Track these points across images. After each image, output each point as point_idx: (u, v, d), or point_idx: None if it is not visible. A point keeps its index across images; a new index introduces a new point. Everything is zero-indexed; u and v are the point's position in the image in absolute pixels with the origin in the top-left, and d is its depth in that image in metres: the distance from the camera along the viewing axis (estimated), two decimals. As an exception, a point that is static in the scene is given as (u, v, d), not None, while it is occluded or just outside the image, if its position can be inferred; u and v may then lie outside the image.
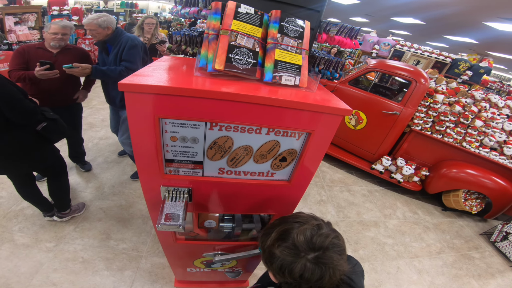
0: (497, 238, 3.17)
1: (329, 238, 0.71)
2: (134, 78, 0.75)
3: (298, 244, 0.69)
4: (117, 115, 2.82)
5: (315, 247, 0.69)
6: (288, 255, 0.69)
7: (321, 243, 0.69)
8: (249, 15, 0.91)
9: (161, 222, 0.91)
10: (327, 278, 0.68)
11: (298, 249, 0.69)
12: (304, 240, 0.69)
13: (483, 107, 3.32)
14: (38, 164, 2.02)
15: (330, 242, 0.70)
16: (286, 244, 0.71)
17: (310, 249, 0.69)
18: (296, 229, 0.72)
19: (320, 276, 0.68)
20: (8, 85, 1.61)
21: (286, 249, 0.70)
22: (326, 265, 0.68)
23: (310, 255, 0.68)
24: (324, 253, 0.68)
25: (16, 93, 1.64)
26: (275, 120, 0.84)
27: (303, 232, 0.71)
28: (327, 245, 0.69)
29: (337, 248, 0.71)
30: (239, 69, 0.86)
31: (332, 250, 0.70)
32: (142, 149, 0.88)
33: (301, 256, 0.68)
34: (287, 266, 0.69)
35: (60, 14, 6.46)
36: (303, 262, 0.68)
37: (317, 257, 0.68)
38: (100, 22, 2.22)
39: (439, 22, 7.35)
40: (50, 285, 1.91)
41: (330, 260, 0.68)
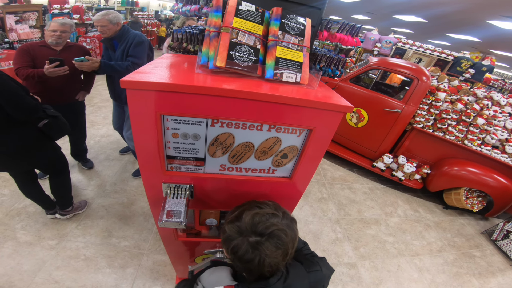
0: (498, 236, 3.17)
1: (272, 228, 0.75)
2: (136, 75, 0.76)
3: (244, 224, 0.76)
4: (122, 111, 2.84)
5: (256, 231, 0.74)
6: (233, 232, 0.77)
7: (263, 230, 0.74)
8: (250, 12, 0.91)
9: (163, 219, 0.92)
10: (255, 263, 0.73)
11: (241, 229, 0.76)
12: (249, 223, 0.76)
13: (485, 105, 3.31)
14: (39, 161, 2.03)
15: (272, 232, 0.74)
16: (236, 223, 0.78)
17: (252, 232, 0.75)
18: (249, 211, 0.79)
19: (250, 258, 0.73)
20: (10, 82, 1.62)
21: (234, 226, 0.78)
22: (259, 251, 0.73)
23: (252, 238, 0.74)
24: (262, 240, 0.73)
25: (18, 90, 1.65)
26: (276, 116, 0.85)
27: (252, 216, 0.77)
28: (268, 233, 0.74)
29: (277, 240, 0.75)
30: (240, 66, 0.86)
31: (271, 240, 0.74)
32: (144, 146, 0.88)
33: (243, 235, 0.75)
34: (230, 243, 0.76)
35: (61, 13, 6.46)
36: (241, 241, 0.74)
37: (256, 241, 0.73)
38: (111, 18, 2.27)
39: (441, 20, 7.31)
40: (53, 282, 1.92)
41: (263, 248, 0.73)
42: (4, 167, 1.93)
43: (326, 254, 2.60)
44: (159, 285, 2.04)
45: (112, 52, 2.45)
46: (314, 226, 2.92)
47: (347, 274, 2.44)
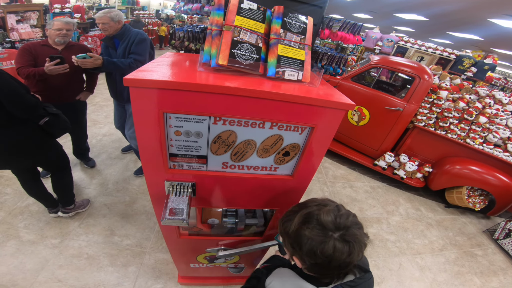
0: (500, 235, 3.16)
1: (350, 217, 0.75)
2: (139, 73, 0.76)
3: (325, 224, 0.72)
4: (123, 110, 2.85)
5: (340, 226, 0.72)
6: (317, 235, 0.72)
7: (344, 222, 0.73)
8: (252, 10, 0.91)
9: (166, 217, 0.92)
10: (356, 254, 0.72)
11: (326, 229, 0.72)
12: (330, 220, 0.73)
13: (487, 104, 3.30)
14: (40, 159, 2.04)
15: (351, 220, 0.74)
16: (313, 225, 0.74)
17: (336, 228, 0.72)
18: (319, 211, 0.75)
19: (349, 252, 0.71)
20: (10, 80, 1.63)
21: (314, 229, 0.73)
22: (352, 241, 0.71)
23: (336, 233, 0.71)
24: (348, 231, 0.72)
25: (18, 88, 1.66)
26: (278, 114, 0.85)
27: (327, 213, 0.74)
28: (349, 224, 0.73)
29: (357, 225, 0.75)
30: (242, 64, 0.86)
31: (354, 227, 0.73)
32: (147, 143, 0.89)
33: (329, 235, 0.71)
34: (317, 246, 0.71)
35: (62, 12, 6.48)
36: (332, 241, 0.71)
37: (343, 235, 0.71)
38: (113, 16, 2.29)
39: (443, 18, 7.28)
40: (56, 281, 1.93)
41: (354, 236, 0.72)
42: (6, 164, 1.94)
43: (328, 253, 2.60)
44: (161, 283, 2.05)
45: (113, 51, 2.46)
46: (316, 224, 2.92)
47: (349, 272, 2.44)
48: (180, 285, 2.06)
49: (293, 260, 0.82)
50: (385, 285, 2.39)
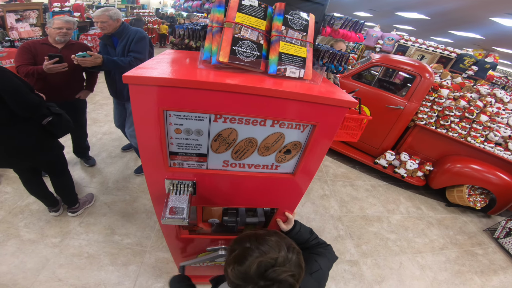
0: (500, 234, 3.16)
1: (283, 275, 0.69)
2: (139, 70, 0.75)
3: (250, 272, 0.70)
4: (123, 108, 2.84)
5: (267, 278, 0.69)
6: (238, 279, 0.71)
7: (274, 277, 0.69)
8: (253, 7, 0.90)
9: (166, 216, 0.91)
10: None
11: (247, 277, 0.70)
12: (256, 272, 0.69)
13: (489, 102, 3.29)
14: (40, 159, 2.02)
15: (284, 278, 0.69)
16: (239, 268, 0.71)
17: (260, 278, 0.69)
18: (253, 258, 0.72)
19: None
20: (14, 78, 1.62)
21: (238, 272, 0.71)
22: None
23: (260, 283, 0.69)
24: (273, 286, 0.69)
25: (22, 87, 1.65)
26: (279, 112, 0.84)
27: (258, 263, 0.70)
28: (278, 280, 0.69)
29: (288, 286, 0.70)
30: (244, 61, 0.85)
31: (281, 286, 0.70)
32: (147, 141, 0.88)
33: (249, 282, 0.70)
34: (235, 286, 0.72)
35: (61, 11, 6.46)
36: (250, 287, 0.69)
37: (266, 285, 0.69)
38: (111, 14, 2.28)
39: (444, 17, 7.26)
40: (56, 280, 1.93)
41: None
42: (6, 163, 1.93)
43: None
44: (162, 282, 2.04)
45: (112, 49, 2.45)
46: (316, 223, 2.92)
47: (349, 271, 2.44)
48: (181, 284, 2.05)
49: None
50: (385, 284, 2.39)
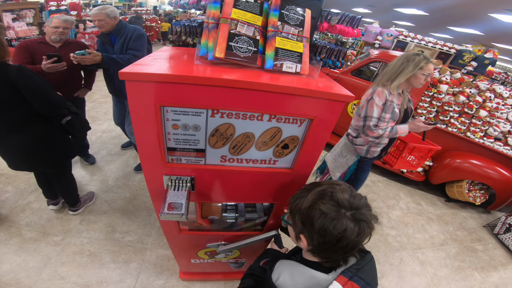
0: (500, 230, 3.16)
1: (362, 199, 0.77)
2: (135, 67, 0.76)
3: (340, 201, 0.73)
4: (122, 106, 2.85)
5: (353, 205, 0.73)
6: (331, 211, 0.73)
7: (357, 202, 0.74)
8: (249, 3, 0.90)
9: (164, 211, 0.92)
10: (364, 235, 0.73)
11: (340, 206, 0.73)
12: (345, 198, 0.74)
13: (488, 97, 3.29)
14: (57, 158, 2.02)
15: (363, 202, 0.76)
16: (328, 201, 0.74)
17: (349, 207, 0.73)
18: (334, 189, 0.76)
19: (358, 232, 0.72)
20: (36, 77, 1.63)
21: (328, 205, 0.73)
22: (363, 221, 0.72)
23: (349, 212, 0.72)
24: (360, 211, 0.73)
25: (44, 85, 1.66)
26: (276, 106, 0.85)
27: (342, 191, 0.75)
28: (361, 205, 0.74)
29: (367, 207, 0.76)
30: (240, 57, 0.86)
31: (365, 208, 0.75)
32: (144, 138, 0.88)
33: (341, 213, 0.72)
34: (330, 223, 0.72)
35: (58, 10, 6.42)
36: (344, 219, 0.71)
37: (355, 214, 0.72)
38: (109, 12, 2.28)
39: (443, 13, 7.24)
40: (59, 278, 1.94)
41: (365, 216, 0.73)
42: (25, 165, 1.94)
43: (328, 247, 2.60)
44: (163, 279, 2.05)
45: (110, 47, 2.45)
46: (316, 219, 2.93)
47: (349, 267, 2.45)
48: (182, 280, 2.06)
49: (298, 240, 0.82)
50: (385, 280, 2.40)
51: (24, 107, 1.63)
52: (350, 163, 2.24)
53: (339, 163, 2.31)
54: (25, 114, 1.67)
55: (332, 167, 2.39)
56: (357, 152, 2.18)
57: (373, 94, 1.86)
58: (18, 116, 1.66)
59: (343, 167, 2.28)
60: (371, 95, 1.88)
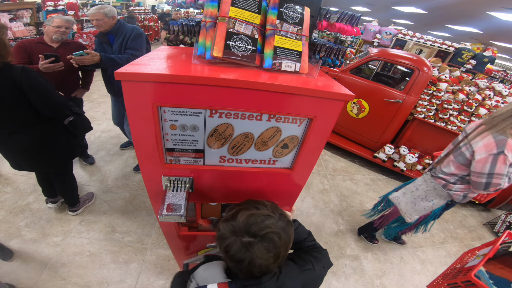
0: (500, 228, 3.16)
1: (266, 230, 0.74)
2: (131, 67, 0.75)
3: (238, 224, 0.75)
4: (121, 105, 2.84)
5: (250, 232, 0.73)
6: (227, 231, 0.76)
7: (257, 231, 0.73)
8: (247, 1, 0.89)
9: (163, 213, 0.92)
10: (246, 263, 0.73)
11: (235, 229, 0.75)
12: (243, 223, 0.75)
13: (487, 95, 3.28)
14: (60, 158, 2.03)
15: (266, 235, 0.73)
16: (231, 222, 0.77)
17: (245, 232, 0.74)
18: (245, 212, 0.78)
19: (241, 258, 0.73)
20: (40, 78, 1.62)
21: (228, 225, 0.77)
22: (249, 252, 0.72)
23: (245, 238, 0.73)
24: (254, 241, 0.73)
25: (48, 86, 1.65)
26: (275, 106, 0.84)
27: (247, 216, 0.76)
28: (261, 235, 0.73)
29: (269, 243, 0.74)
30: (238, 56, 0.85)
31: (263, 243, 0.73)
32: (142, 138, 0.87)
33: (236, 235, 0.74)
34: (222, 239, 0.76)
35: (55, 10, 6.39)
36: (233, 241, 0.74)
37: (248, 242, 0.72)
38: (107, 12, 2.26)
39: (442, 11, 7.24)
40: (59, 279, 1.94)
41: (255, 250, 0.72)
42: (28, 166, 1.95)
43: (329, 247, 2.60)
44: (163, 279, 2.05)
45: (108, 46, 2.43)
46: (316, 218, 2.93)
47: (350, 266, 2.45)
48: (182, 280, 2.06)
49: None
50: (386, 279, 2.40)
51: (27, 108, 1.63)
52: (436, 207, 2.02)
53: (420, 207, 2.07)
54: (28, 115, 1.66)
55: (409, 210, 2.14)
56: (451, 198, 1.92)
57: (504, 148, 1.50)
58: (22, 117, 1.66)
59: (425, 211, 2.06)
60: (500, 149, 1.51)
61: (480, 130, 1.64)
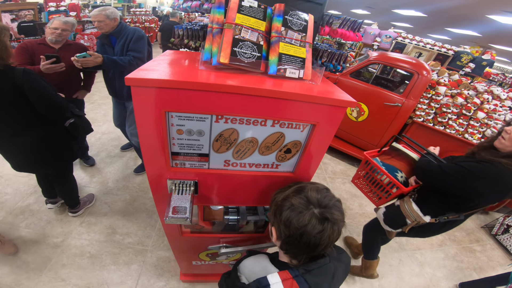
0: (498, 231, 3.19)
1: (334, 199, 0.81)
2: (140, 72, 0.76)
3: (310, 198, 0.79)
4: (122, 107, 2.84)
5: (322, 203, 0.78)
6: (300, 204, 0.78)
7: (328, 201, 0.79)
8: (253, 8, 0.91)
9: (169, 215, 0.93)
10: (327, 233, 0.76)
11: (309, 202, 0.78)
12: (315, 196, 0.79)
13: (486, 99, 3.31)
14: (61, 160, 2.03)
15: (334, 203, 0.80)
16: (300, 196, 0.80)
17: (318, 204, 0.78)
18: (309, 187, 0.83)
19: (321, 229, 0.75)
20: (41, 80, 1.63)
21: (300, 199, 0.79)
22: (328, 220, 0.76)
23: (317, 209, 0.77)
24: (327, 211, 0.77)
25: (49, 88, 1.66)
26: (280, 112, 0.85)
27: (315, 189, 0.81)
28: (331, 205, 0.79)
29: (339, 209, 0.80)
30: (244, 62, 0.86)
31: (335, 209, 0.78)
32: (149, 142, 0.89)
33: (309, 208, 0.77)
34: (295, 216, 0.77)
35: (57, 10, 6.41)
36: (309, 214, 0.76)
37: (322, 212, 0.76)
38: (108, 14, 2.27)
39: (441, 14, 7.30)
40: (59, 280, 1.94)
41: (332, 215, 0.76)
42: (30, 168, 1.96)
43: (328, 249, 2.61)
44: (164, 281, 2.06)
45: (110, 48, 2.44)
46: (316, 221, 2.94)
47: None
48: (183, 282, 2.07)
49: (271, 234, 0.87)
50: (385, 281, 2.41)
51: (29, 110, 1.63)
52: None
53: None
54: (29, 117, 1.67)
55: None
56: None
57: None
58: (23, 119, 1.67)
59: None
60: None
61: None
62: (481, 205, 1.48)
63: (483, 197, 1.41)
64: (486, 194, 1.39)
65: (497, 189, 1.34)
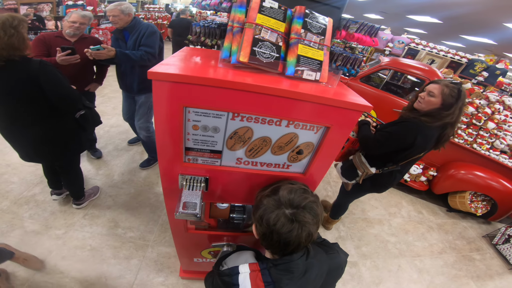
0: (499, 240, 3.16)
1: (307, 200, 0.83)
2: (162, 66, 0.77)
3: (281, 198, 0.82)
4: (132, 101, 2.86)
5: (293, 204, 0.81)
6: (271, 205, 0.82)
7: (299, 202, 0.81)
8: (273, 9, 0.91)
9: (180, 210, 0.93)
10: (295, 233, 0.78)
11: (280, 202, 0.82)
12: (287, 196, 0.82)
13: (497, 109, 3.28)
14: (69, 151, 2.04)
15: (308, 204, 0.82)
16: (274, 196, 0.84)
17: (289, 205, 0.81)
18: (284, 187, 0.86)
19: (289, 229, 0.78)
20: (57, 72, 1.64)
21: (271, 200, 0.84)
22: (298, 221, 0.78)
23: (288, 210, 0.80)
24: (298, 211, 0.80)
25: (64, 80, 1.68)
26: (295, 113, 0.86)
27: (288, 189, 0.84)
28: (304, 205, 0.81)
29: (312, 211, 0.82)
30: (262, 62, 0.87)
31: (307, 210, 0.81)
32: (165, 136, 0.90)
33: (280, 208, 0.81)
34: (266, 214, 0.81)
35: (74, 4, 6.47)
36: (279, 213, 0.79)
37: (293, 213, 0.79)
38: (123, 9, 2.30)
39: (457, 21, 7.16)
40: (58, 272, 1.94)
41: (302, 217, 0.79)
42: (39, 158, 1.97)
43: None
44: (163, 276, 2.06)
45: (123, 43, 2.47)
46: (318, 224, 2.93)
47: (348, 272, 2.45)
48: (182, 279, 2.07)
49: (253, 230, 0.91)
50: (383, 286, 2.41)
51: (43, 101, 1.65)
52: None
53: None
54: (42, 109, 1.68)
55: None
56: None
57: None
58: (36, 111, 1.68)
59: None
60: None
61: None
62: (412, 155, 1.83)
63: (411, 149, 1.76)
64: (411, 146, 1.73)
65: (419, 139, 1.69)
